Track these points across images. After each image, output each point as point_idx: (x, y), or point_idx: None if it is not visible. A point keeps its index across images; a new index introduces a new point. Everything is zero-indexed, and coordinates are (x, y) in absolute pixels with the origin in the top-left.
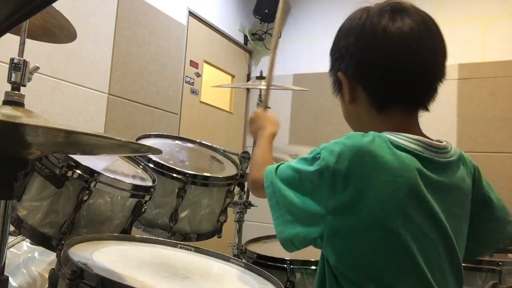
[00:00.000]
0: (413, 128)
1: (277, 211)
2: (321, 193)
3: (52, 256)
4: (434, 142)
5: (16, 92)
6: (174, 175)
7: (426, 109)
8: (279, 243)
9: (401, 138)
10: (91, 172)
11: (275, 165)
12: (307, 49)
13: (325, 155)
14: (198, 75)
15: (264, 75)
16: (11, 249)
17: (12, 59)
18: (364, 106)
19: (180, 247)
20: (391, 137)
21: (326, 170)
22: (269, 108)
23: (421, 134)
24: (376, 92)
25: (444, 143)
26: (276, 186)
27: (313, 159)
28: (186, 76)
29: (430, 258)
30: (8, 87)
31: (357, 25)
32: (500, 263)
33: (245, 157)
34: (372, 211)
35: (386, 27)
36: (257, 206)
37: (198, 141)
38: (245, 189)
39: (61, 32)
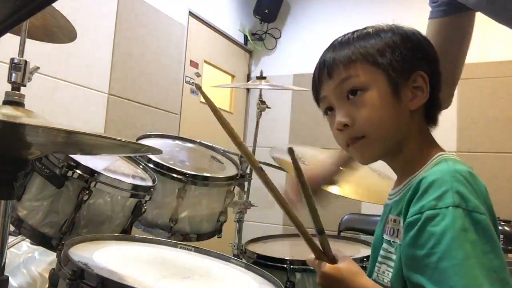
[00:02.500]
0: None
1: None
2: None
3: (52, 256)
4: None
5: (16, 92)
6: (174, 175)
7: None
8: (279, 242)
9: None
10: (91, 172)
11: None
12: (307, 49)
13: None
14: (198, 75)
15: (264, 75)
16: (11, 249)
17: (12, 59)
18: (419, 113)
19: (180, 247)
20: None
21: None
22: (269, 108)
23: None
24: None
25: None
26: None
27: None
28: (186, 76)
29: None
30: (8, 87)
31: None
32: None
33: None
34: None
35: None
36: (257, 206)
37: (198, 141)
38: (245, 189)
39: (61, 32)
